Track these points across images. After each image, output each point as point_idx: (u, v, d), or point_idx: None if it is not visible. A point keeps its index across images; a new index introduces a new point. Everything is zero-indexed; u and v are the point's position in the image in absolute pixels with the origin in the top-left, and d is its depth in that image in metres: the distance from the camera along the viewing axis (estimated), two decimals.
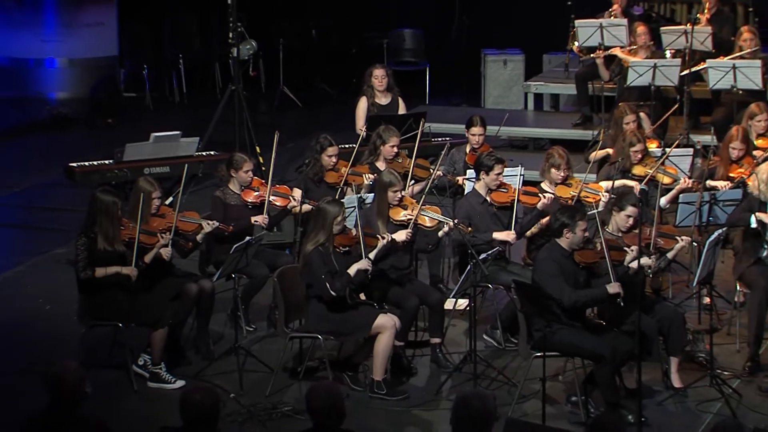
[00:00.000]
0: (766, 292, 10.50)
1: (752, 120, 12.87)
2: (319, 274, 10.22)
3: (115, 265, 10.50)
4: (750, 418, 9.81)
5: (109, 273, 10.48)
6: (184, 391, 7.76)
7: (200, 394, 7.67)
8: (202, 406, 7.58)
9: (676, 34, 15.49)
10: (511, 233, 11.24)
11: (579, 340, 9.93)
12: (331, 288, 10.21)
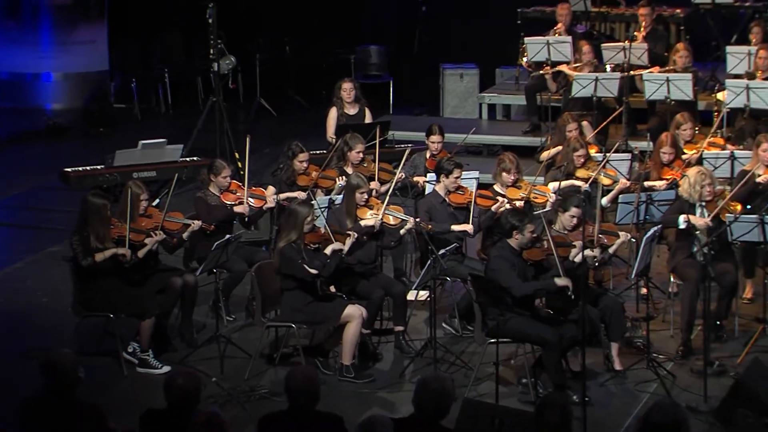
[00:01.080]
0: (697, 284, 10.53)
1: (679, 129, 12.91)
2: (296, 261, 10.22)
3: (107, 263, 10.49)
4: (683, 397, 9.84)
5: (107, 255, 10.45)
6: (167, 376, 7.76)
7: (182, 378, 7.66)
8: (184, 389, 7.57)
9: (616, 50, 15.53)
10: (468, 225, 11.27)
11: (529, 328, 9.96)
12: (311, 268, 10.22)
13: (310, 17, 19.75)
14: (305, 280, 10.27)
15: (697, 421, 9.24)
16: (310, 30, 19.74)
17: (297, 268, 10.22)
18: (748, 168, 12.04)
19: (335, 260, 10.38)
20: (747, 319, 11.28)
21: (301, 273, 10.22)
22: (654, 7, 16.36)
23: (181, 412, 7.47)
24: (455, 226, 11.29)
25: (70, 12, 18.61)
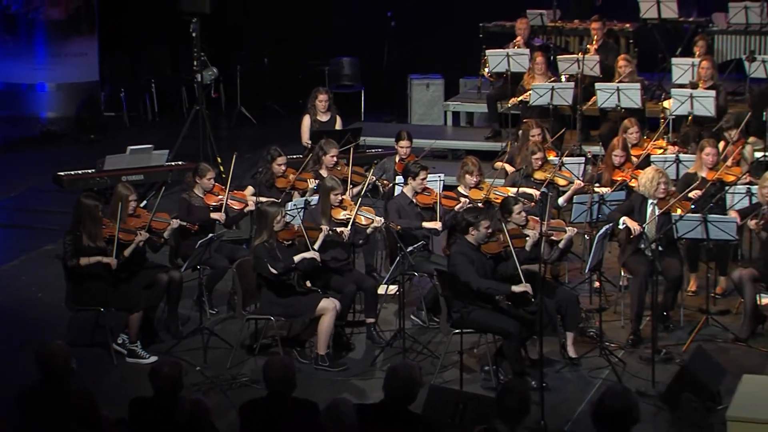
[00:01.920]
0: (645, 277, 10.58)
1: (626, 133, 12.96)
2: (262, 260, 10.23)
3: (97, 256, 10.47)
4: (633, 383, 9.86)
5: (92, 262, 10.44)
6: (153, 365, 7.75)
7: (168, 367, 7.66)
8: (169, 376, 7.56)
9: (570, 62, 15.58)
10: (438, 222, 11.29)
11: (490, 319, 9.97)
12: (272, 267, 10.23)
13: (287, 31, 19.73)
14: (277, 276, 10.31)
15: (645, 405, 9.23)
16: (287, 43, 19.72)
17: (262, 267, 10.24)
18: (692, 171, 12.11)
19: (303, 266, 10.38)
20: (691, 310, 11.33)
21: (265, 272, 10.24)
22: (605, 21, 16.41)
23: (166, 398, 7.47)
24: (426, 223, 11.32)
25: (63, 27, 18.55)
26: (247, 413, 7.66)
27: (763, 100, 14.31)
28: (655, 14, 16.63)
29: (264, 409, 7.59)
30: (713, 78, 14.56)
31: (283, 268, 10.27)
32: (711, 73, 14.55)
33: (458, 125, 17.47)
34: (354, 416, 7.00)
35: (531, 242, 10.28)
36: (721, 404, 9.34)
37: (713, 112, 14.03)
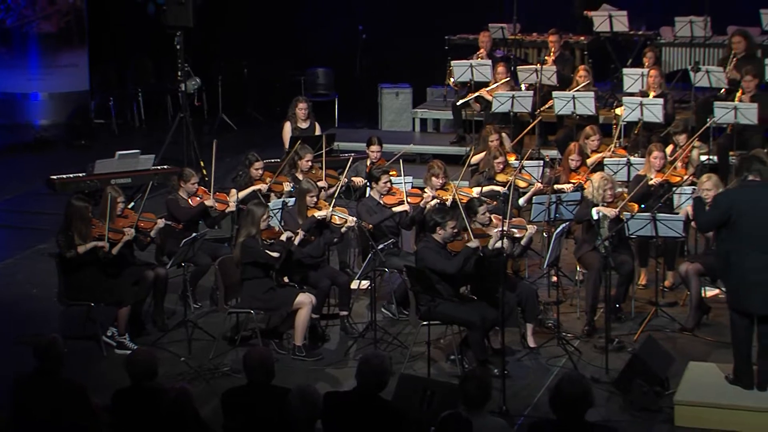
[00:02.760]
0: (600, 272, 10.61)
1: (587, 139, 13.00)
2: (258, 249, 10.24)
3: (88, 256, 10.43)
4: (588, 370, 9.92)
5: (88, 247, 10.41)
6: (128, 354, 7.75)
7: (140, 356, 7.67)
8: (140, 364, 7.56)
9: (529, 72, 15.61)
10: (406, 205, 11.32)
11: (456, 311, 9.99)
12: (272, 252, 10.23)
13: (265, 44, 19.70)
14: (264, 268, 10.27)
15: (599, 390, 9.28)
16: (265, 54, 19.69)
17: (260, 254, 10.24)
18: (642, 173, 12.16)
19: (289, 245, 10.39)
20: (642, 303, 11.38)
21: (264, 258, 10.24)
22: (562, 34, 16.46)
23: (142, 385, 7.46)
24: (395, 207, 11.31)
25: (55, 40, 18.47)
26: (229, 400, 7.66)
27: (707, 107, 14.38)
28: (608, 28, 16.70)
29: (244, 396, 7.59)
30: (661, 87, 14.61)
31: (281, 250, 10.26)
32: (659, 82, 14.60)
33: (425, 131, 17.49)
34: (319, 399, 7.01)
35: (494, 241, 10.29)
36: (669, 389, 9.39)
37: (661, 118, 14.08)
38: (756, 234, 8.99)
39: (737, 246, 9.08)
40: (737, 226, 9.03)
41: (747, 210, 9.00)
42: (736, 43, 15.28)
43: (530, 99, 14.88)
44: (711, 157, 13.63)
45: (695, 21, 16.29)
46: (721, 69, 15.00)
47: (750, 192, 9.19)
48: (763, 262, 8.96)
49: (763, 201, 9.01)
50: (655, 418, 9.14)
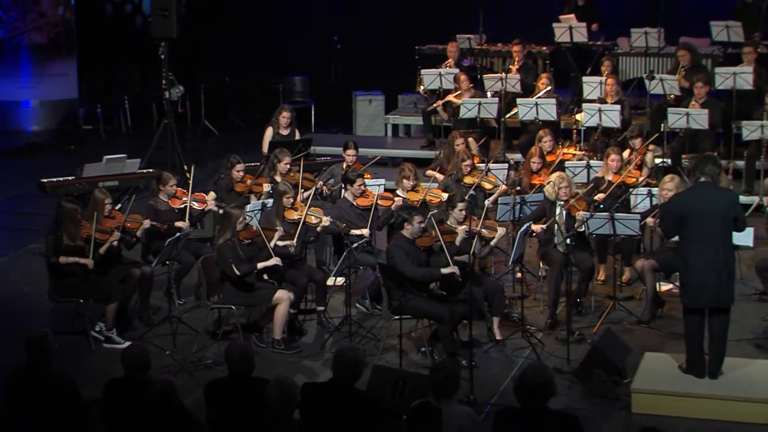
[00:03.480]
0: (561, 269, 10.64)
1: (541, 142, 13.03)
2: (227, 260, 10.19)
3: (77, 255, 10.39)
4: (550, 361, 9.92)
5: (70, 261, 10.38)
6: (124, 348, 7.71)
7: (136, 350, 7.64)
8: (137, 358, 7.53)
9: (495, 80, 15.62)
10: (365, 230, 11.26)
11: (426, 306, 9.99)
12: (237, 269, 10.19)
13: (245, 53, 19.66)
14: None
15: (561, 380, 9.30)
16: (245, 64, 19.65)
17: (226, 266, 10.20)
18: (600, 175, 12.20)
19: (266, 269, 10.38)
20: (601, 297, 11.41)
21: (229, 272, 10.20)
22: (525, 45, 16.47)
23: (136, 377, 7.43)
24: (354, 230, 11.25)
25: (45, 50, 18.39)
26: (212, 391, 7.63)
27: (661, 113, 14.44)
28: (568, 39, 16.73)
29: (226, 387, 7.57)
30: (618, 94, 14.66)
31: (245, 272, 10.22)
32: (616, 89, 14.65)
33: (397, 136, 17.48)
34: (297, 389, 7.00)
35: (460, 238, 10.31)
36: (626, 378, 9.42)
37: (618, 123, 14.13)
38: (703, 233, 9.04)
39: (688, 244, 9.15)
40: (687, 225, 9.09)
41: (695, 210, 9.06)
42: (682, 56, 15.37)
43: (496, 105, 14.91)
44: (665, 160, 13.70)
45: (650, 32, 16.34)
46: (674, 77, 15.08)
47: (699, 193, 9.22)
48: (709, 259, 9.01)
49: (710, 201, 9.05)
50: (614, 405, 9.17)
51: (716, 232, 8.99)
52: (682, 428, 8.69)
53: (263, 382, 7.22)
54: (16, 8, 18.08)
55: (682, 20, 16.71)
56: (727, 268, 9.04)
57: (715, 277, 9.01)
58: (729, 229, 9.03)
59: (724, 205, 9.01)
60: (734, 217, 9.03)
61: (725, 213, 8.99)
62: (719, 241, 8.99)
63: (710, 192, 9.13)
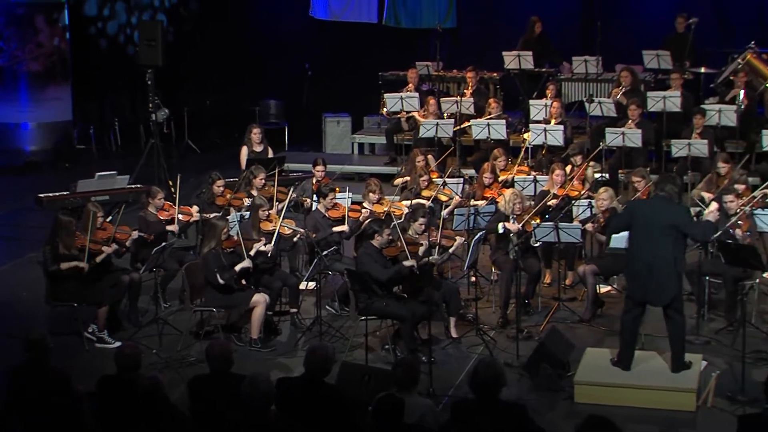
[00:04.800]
0: (511, 273, 10.67)
1: (495, 160, 13.07)
2: (212, 269, 10.15)
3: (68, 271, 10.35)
4: (502, 356, 9.95)
5: (70, 266, 10.32)
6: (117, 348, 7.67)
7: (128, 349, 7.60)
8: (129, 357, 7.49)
9: (451, 103, 15.68)
10: (345, 226, 11.30)
11: (389, 307, 10.00)
12: (220, 278, 10.16)
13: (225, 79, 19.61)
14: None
15: (511, 373, 9.32)
16: (225, 88, 19.60)
17: (211, 275, 10.16)
18: (546, 188, 12.25)
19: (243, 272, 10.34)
20: (547, 298, 11.45)
21: (213, 280, 10.17)
22: (477, 71, 16.54)
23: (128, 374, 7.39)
24: (335, 227, 11.31)
25: (42, 77, 18.27)
26: (195, 386, 7.60)
27: (599, 132, 14.54)
28: (517, 65, 16.81)
29: (208, 383, 7.54)
30: (561, 115, 14.75)
31: (227, 279, 10.21)
32: (560, 111, 14.74)
33: (363, 153, 17.48)
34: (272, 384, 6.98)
35: (424, 249, 10.31)
36: (570, 371, 9.46)
37: (562, 142, 14.22)
38: (644, 238, 9.14)
39: (633, 247, 9.26)
40: (633, 230, 9.22)
41: (641, 219, 9.18)
42: (624, 78, 15.49)
43: (451, 126, 14.95)
44: (603, 175, 13.77)
45: (589, 60, 16.46)
46: (611, 100, 15.19)
47: (648, 204, 9.42)
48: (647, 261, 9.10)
49: (657, 213, 9.15)
50: (559, 396, 9.21)
51: (656, 239, 9.07)
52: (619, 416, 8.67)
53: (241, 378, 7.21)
54: (16, 39, 17.96)
55: (618, 49, 16.84)
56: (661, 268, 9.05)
57: (648, 275, 9.08)
58: (670, 238, 9.05)
59: (670, 218, 9.08)
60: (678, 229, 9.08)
61: (669, 224, 9.04)
62: (658, 248, 9.06)
63: (662, 205, 9.22)
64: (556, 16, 17.77)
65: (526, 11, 17.67)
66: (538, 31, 17.26)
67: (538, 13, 17.51)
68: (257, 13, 19.96)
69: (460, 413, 6.98)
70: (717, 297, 11.02)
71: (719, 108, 14.59)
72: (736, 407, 8.80)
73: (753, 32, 16.61)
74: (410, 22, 19.03)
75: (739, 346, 9.32)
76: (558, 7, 17.90)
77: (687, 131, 14.24)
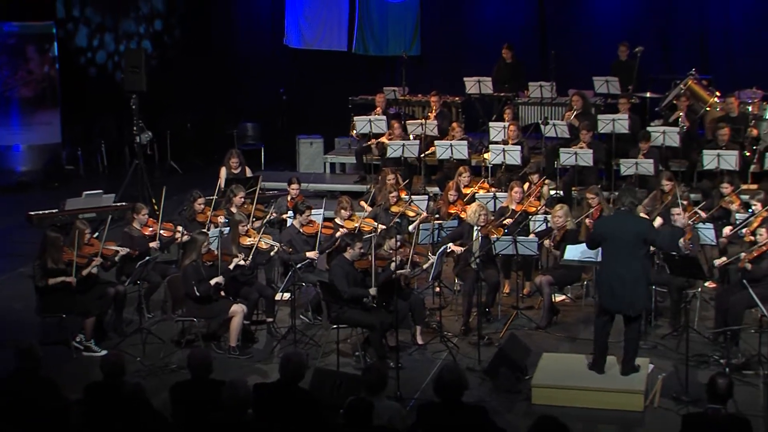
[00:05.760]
0: (472, 283, 10.68)
1: (460, 177, 13.12)
2: (190, 281, 10.13)
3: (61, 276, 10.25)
4: (464, 362, 9.98)
5: (57, 281, 10.25)
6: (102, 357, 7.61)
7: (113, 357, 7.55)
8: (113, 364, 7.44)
9: (416, 125, 15.71)
10: (314, 252, 11.24)
11: (359, 316, 10.00)
12: (197, 290, 10.12)
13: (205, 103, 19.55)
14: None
15: (473, 377, 9.36)
16: (205, 112, 19.55)
17: (189, 287, 10.13)
18: (505, 204, 12.30)
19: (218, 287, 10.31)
20: (506, 307, 11.47)
21: (190, 291, 10.13)
22: (441, 95, 16.60)
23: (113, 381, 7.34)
24: (308, 253, 11.25)
25: (33, 102, 18.12)
26: (176, 392, 7.56)
27: (554, 152, 14.62)
28: (477, 90, 16.88)
29: (189, 389, 7.50)
30: (519, 137, 14.82)
31: (203, 292, 10.17)
32: (517, 133, 14.81)
33: (334, 172, 17.47)
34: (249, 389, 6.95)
35: (394, 265, 10.30)
36: (527, 375, 9.49)
37: (519, 161, 14.28)
38: (614, 251, 9.20)
39: (603, 259, 9.35)
40: (604, 244, 9.27)
41: (610, 233, 9.24)
42: (575, 102, 15.62)
43: (417, 146, 14.99)
44: (558, 192, 13.85)
45: (544, 85, 16.56)
46: (564, 122, 15.28)
47: (614, 219, 9.49)
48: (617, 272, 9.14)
49: (622, 226, 9.21)
50: (517, 398, 9.24)
51: (624, 251, 9.13)
52: (573, 416, 8.75)
53: (221, 384, 7.17)
54: (8, 67, 17.85)
55: (570, 75, 16.95)
56: (633, 281, 9.10)
57: (621, 287, 9.13)
58: (636, 249, 9.11)
59: (634, 230, 9.15)
60: (644, 239, 9.14)
61: (634, 236, 9.11)
62: (626, 259, 9.11)
63: (625, 219, 9.29)
64: (515, 45, 17.88)
65: (486, 40, 17.77)
66: (509, 59, 17.33)
67: (497, 42, 17.61)
68: (236, 41, 19.95)
69: (426, 415, 6.98)
70: (663, 305, 11.10)
71: (663, 130, 14.73)
72: (681, 407, 8.86)
73: (694, 60, 16.78)
74: (377, 50, 19.08)
75: (683, 350, 9.38)
76: (516, 37, 18.01)
77: (634, 151, 14.35)
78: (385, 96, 16.80)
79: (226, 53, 19.92)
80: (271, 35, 19.59)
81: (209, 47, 19.87)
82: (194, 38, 19.97)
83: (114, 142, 19.11)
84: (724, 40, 17.49)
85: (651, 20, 17.71)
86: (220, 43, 19.94)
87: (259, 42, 19.75)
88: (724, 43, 17.49)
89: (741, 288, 9.81)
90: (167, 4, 19.97)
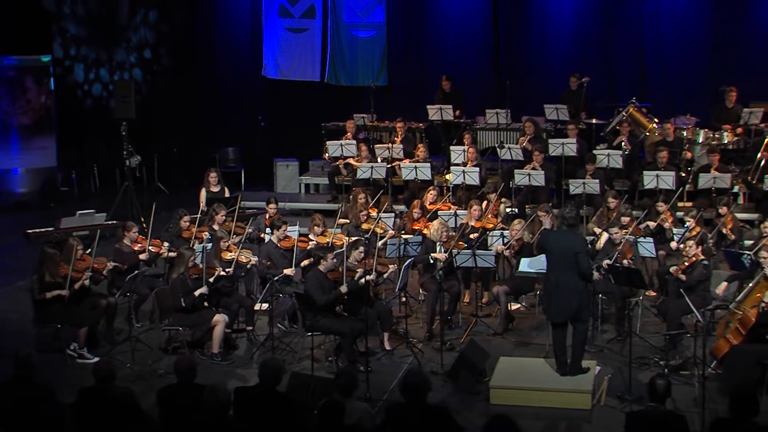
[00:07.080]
0: (436, 293, 10.70)
1: (429, 193, 13.17)
2: (177, 294, 10.08)
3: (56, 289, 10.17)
4: (428, 365, 9.98)
5: (54, 294, 10.16)
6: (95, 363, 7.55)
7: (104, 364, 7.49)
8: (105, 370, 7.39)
9: (383, 149, 15.75)
10: (291, 270, 11.18)
11: (332, 324, 9.98)
12: (183, 302, 10.07)
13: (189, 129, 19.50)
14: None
15: (436, 380, 9.37)
16: (189, 137, 19.48)
17: (175, 299, 10.07)
18: (465, 221, 12.33)
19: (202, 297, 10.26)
20: (466, 315, 11.48)
21: (176, 303, 10.10)
22: (406, 122, 16.66)
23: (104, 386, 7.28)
24: (286, 270, 11.19)
25: (31, 128, 17.97)
26: (163, 396, 7.50)
27: (509, 173, 14.69)
28: (439, 117, 16.94)
29: (175, 392, 7.45)
30: (477, 159, 14.89)
31: (188, 303, 10.13)
32: (476, 156, 14.89)
33: (309, 192, 17.47)
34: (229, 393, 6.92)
35: (359, 275, 10.30)
36: (486, 377, 9.51)
37: (478, 181, 14.35)
38: (554, 264, 9.29)
39: (547, 272, 9.41)
40: (547, 258, 9.36)
41: (551, 248, 9.36)
42: (528, 127, 15.74)
43: (384, 168, 15.01)
44: (513, 209, 13.90)
45: (500, 112, 16.67)
46: (518, 146, 15.37)
47: (557, 235, 9.64)
48: (557, 284, 9.22)
49: (561, 242, 9.32)
50: (477, 398, 9.25)
51: (561, 264, 9.20)
52: (527, 414, 8.79)
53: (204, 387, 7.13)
54: (8, 96, 17.73)
55: (524, 103, 17.06)
56: (570, 290, 9.17)
57: (560, 297, 9.19)
58: (573, 262, 9.19)
59: (570, 245, 9.23)
60: (576, 252, 9.22)
61: (570, 250, 9.20)
62: (564, 271, 9.19)
63: (563, 235, 9.39)
64: (473, 76, 18.00)
65: (447, 71, 17.86)
66: (447, 89, 17.42)
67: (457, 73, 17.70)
68: (218, 72, 19.92)
69: (393, 415, 6.98)
70: (608, 312, 11.17)
71: (608, 153, 14.86)
72: (624, 405, 8.91)
73: (635, 89, 16.97)
74: (348, 80, 19.12)
75: (627, 353, 9.44)
76: (473, 69, 18.14)
77: (582, 172, 14.46)
78: (355, 122, 16.83)
79: (209, 83, 19.89)
80: (251, 66, 19.58)
81: (194, 77, 19.83)
82: (180, 68, 19.91)
83: (106, 166, 18.98)
84: (661, 71, 17.72)
85: (596, 53, 17.89)
86: (204, 73, 19.91)
87: (239, 73, 19.72)
88: (661, 74, 17.71)
89: (678, 296, 9.90)
90: (157, 35, 19.93)
